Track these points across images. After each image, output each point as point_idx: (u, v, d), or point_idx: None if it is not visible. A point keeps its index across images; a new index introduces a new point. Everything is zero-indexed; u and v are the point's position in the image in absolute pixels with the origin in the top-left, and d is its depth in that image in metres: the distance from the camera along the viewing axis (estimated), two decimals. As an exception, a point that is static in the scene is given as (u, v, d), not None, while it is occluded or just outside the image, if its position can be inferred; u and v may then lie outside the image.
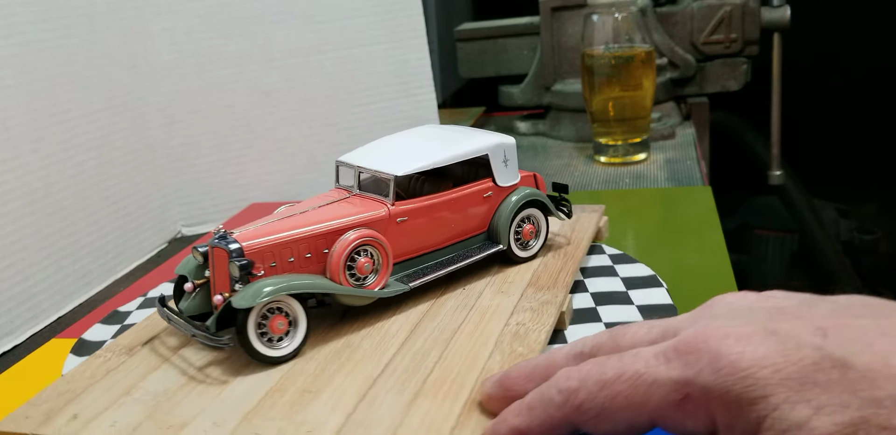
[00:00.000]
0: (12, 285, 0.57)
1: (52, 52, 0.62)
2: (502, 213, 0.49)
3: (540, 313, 0.43)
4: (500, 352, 0.39)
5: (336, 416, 0.35)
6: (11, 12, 0.58)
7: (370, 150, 0.48)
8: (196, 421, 0.36)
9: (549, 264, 0.50)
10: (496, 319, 0.43)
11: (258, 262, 0.40)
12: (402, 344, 0.41)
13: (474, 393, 0.35)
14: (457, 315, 0.44)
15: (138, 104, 0.72)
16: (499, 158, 0.48)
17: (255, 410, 0.36)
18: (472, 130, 0.51)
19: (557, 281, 0.47)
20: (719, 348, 0.25)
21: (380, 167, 0.45)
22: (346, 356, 0.40)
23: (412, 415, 0.34)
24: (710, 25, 0.98)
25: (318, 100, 0.78)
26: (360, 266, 0.42)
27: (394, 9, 0.77)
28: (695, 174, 0.83)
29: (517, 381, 0.33)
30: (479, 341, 0.40)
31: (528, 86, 1.06)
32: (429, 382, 0.37)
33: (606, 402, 0.27)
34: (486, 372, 0.37)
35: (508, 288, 0.47)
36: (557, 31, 1.01)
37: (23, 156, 0.59)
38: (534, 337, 0.40)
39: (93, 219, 0.66)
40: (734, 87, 1.02)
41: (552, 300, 0.45)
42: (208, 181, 0.77)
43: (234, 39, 0.74)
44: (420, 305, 0.46)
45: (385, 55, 0.78)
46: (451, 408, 0.34)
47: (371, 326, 0.44)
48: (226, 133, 0.77)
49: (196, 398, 0.38)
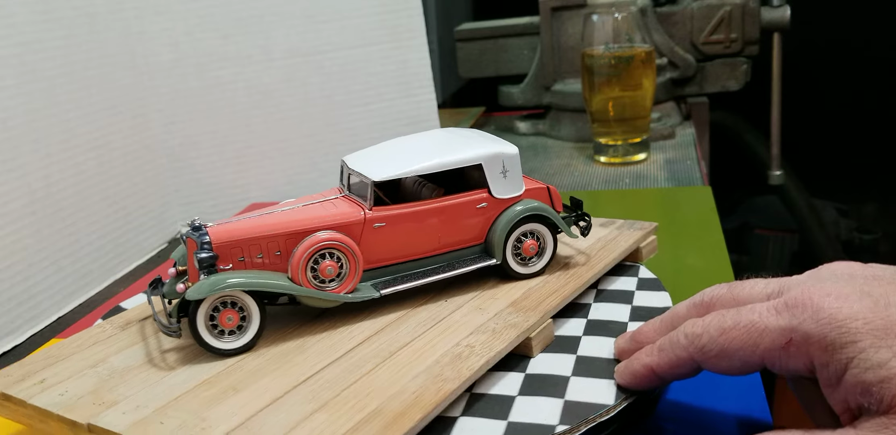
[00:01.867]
0: (12, 285, 0.57)
1: (52, 52, 0.62)
2: (498, 226, 0.46)
3: (496, 337, 0.40)
4: (428, 374, 0.37)
5: (237, 417, 0.35)
6: (11, 12, 0.58)
7: (374, 150, 0.48)
8: (125, 401, 0.37)
9: (548, 284, 0.46)
10: (452, 337, 0.40)
11: (226, 256, 0.41)
12: (347, 352, 0.40)
13: (374, 412, 0.34)
14: (418, 328, 0.42)
15: (138, 104, 0.72)
16: (496, 169, 0.46)
17: (178, 399, 0.37)
18: (482, 138, 0.48)
19: (541, 303, 0.44)
20: (821, 304, 0.30)
21: (363, 170, 0.44)
22: (290, 358, 0.40)
23: (302, 426, 0.34)
24: (710, 25, 0.98)
25: (318, 100, 0.78)
26: (322, 269, 0.42)
27: (394, 9, 0.77)
28: (695, 174, 0.83)
29: (647, 334, 0.39)
30: (418, 360, 0.38)
31: (528, 86, 1.06)
32: (342, 395, 0.36)
33: (725, 343, 0.33)
34: (401, 393, 0.36)
35: (489, 305, 0.44)
36: (557, 31, 1.01)
37: (23, 156, 0.59)
38: (471, 362, 0.37)
39: (93, 219, 0.66)
40: (734, 87, 1.02)
41: (519, 324, 0.41)
42: (208, 181, 0.77)
43: (234, 39, 0.74)
44: (393, 313, 0.44)
45: (385, 55, 0.78)
46: (343, 424, 0.34)
47: (334, 329, 0.43)
48: (226, 133, 0.77)
49: (141, 380, 0.39)
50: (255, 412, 0.35)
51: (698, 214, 0.70)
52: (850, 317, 0.30)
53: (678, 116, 1.03)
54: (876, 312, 0.30)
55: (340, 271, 0.43)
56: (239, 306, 0.41)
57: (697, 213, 0.70)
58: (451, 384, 0.36)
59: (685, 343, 0.34)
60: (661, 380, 0.36)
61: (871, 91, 1.40)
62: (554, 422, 0.35)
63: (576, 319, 0.45)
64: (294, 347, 0.41)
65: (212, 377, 0.39)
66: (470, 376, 0.37)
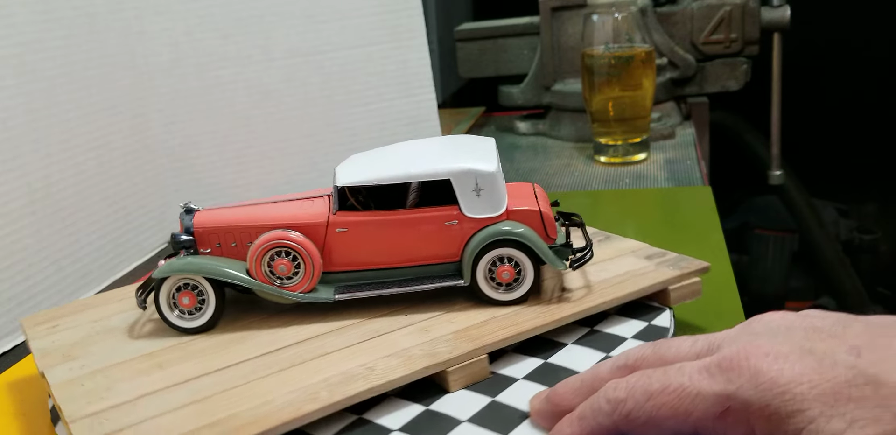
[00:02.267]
0: (12, 285, 0.57)
1: (52, 53, 0.62)
2: (469, 247, 0.43)
3: (406, 364, 0.38)
4: (306, 390, 0.37)
5: (131, 395, 0.38)
6: (11, 12, 0.58)
7: (372, 154, 0.47)
8: (80, 359, 0.42)
9: (518, 314, 0.43)
10: (368, 355, 0.40)
11: (205, 241, 0.44)
12: (274, 351, 0.41)
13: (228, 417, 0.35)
14: (353, 339, 0.41)
15: (138, 104, 0.72)
16: (467, 186, 0.43)
17: (113, 367, 0.41)
18: (470, 152, 0.45)
19: (487, 335, 0.40)
20: (759, 365, 0.27)
21: (338, 173, 0.44)
22: (230, 346, 0.42)
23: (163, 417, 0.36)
24: (710, 25, 0.99)
25: (318, 100, 0.78)
26: (275, 266, 0.44)
27: (394, 9, 0.77)
28: (695, 174, 0.83)
29: (564, 396, 0.35)
30: (315, 373, 0.38)
31: (528, 86, 1.06)
32: (224, 394, 0.37)
33: (653, 411, 0.29)
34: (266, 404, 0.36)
35: (438, 328, 0.42)
36: (557, 31, 1.01)
37: (23, 156, 0.59)
38: (354, 386, 0.37)
39: (93, 219, 0.66)
40: (734, 87, 1.02)
41: (441, 354, 0.39)
42: (208, 181, 0.77)
43: (234, 39, 0.74)
44: (348, 320, 0.44)
45: (385, 55, 0.78)
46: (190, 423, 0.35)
47: (286, 326, 0.44)
48: (226, 133, 0.77)
49: (111, 342, 0.44)
50: (147, 393, 0.38)
51: (698, 214, 0.70)
52: (793, 380, 0.26)
53: (678, 116, 1.03)
54: (821, 373, 0.26)
55: (298, 270, 0.44)
56: (199, 290, 0.44)
57: (697, 213, 0.70)
58: (313, 405, 0.36)
59: (608, 410, 0.31)
60: None
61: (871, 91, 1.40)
62: None
63: (533, 359, 0.41)
64: (243, 336, 0.43)
65: (155, 351, 0.42)
66: (341, 401, 0.36)
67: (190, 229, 0.44)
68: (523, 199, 0.45)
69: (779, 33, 1.03)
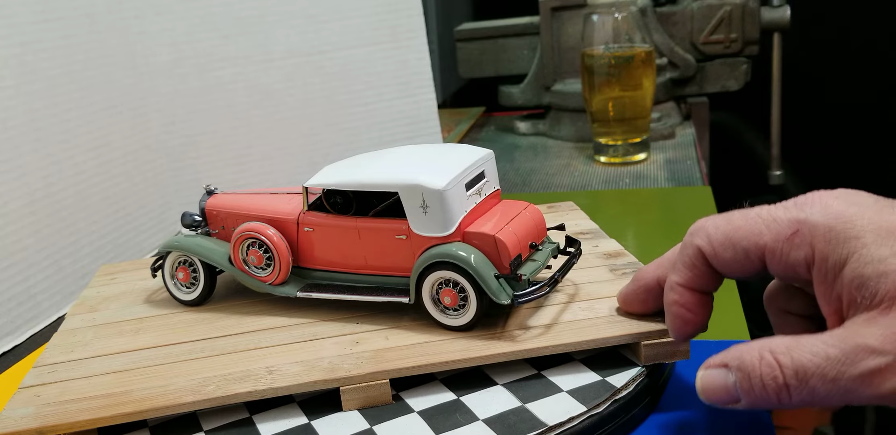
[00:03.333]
0: (12, 285, 0.57)
1: (52, 53, 0.62)
2: (415, 266, 0.41)
3: (306, 374, 0.38)
4: (201, 382, 0.39)
5: (82, 353, 0.43)
6: (11, 12, 0.58)
7: (363, 156, 0.47)
8: (99, 312, 0.49)
9: (450, 344, 0.40)
10: (279, 357, 0.40)
11: (214, 222, 0.48)
12: (226, 336, 0.44)
13: (129, 392, 0.39)
14: (283, 339, 0.42)
15: (138, 104, 0.72)
16: (414, 202, 0.40)
17: (106, 325, 0.47)
18: (439, 163, 0.42)
19: (401, 360, 0.39)
20: (830, 202, 0.32)
21: (317, 173, 0.45)
22: (185, 326, 0.46)
23: (87, 381, 0.40)
24: (710, 25, 0.98)
25: (318, 100, 0.78)
26: (249, 256, 0.46)
27: (394, 9, 0.77)
28: (695, 174, 0.83)
29: (647, 270, 0.39)
30: (224, 366, 0.40)
31: (528, 86, 1.06)
32: (150, 368, 0.41)
33: (730, 232, 0.33)
34: (164, 386, 0.39)
35: (369, 342, 0.41)
36: (557, 31, 1.01)
37: (23, 156, 0.59)
38: (241, 386, 0.38)
39: (93, 219, 0.66)
40: (734, 87, 1.02)
41: (339, 369, 0.38)
42: (208, 181, 0.77)
43: (234, 39, 0.74)
44: (307, 318, 0.44)
45: (385, 55, 0.78)
46: (98, 390, 0.39)
47: (255, 314, 0.46)
48: (226, 133, 0.77)
49: (128, 301, 0.50)
50: (104, 354, 0.43)
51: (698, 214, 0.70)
52: (857, 215, 0.31)
53: (678, 116, 1.03)
54: (881, 216, 0.31)
55: (270, 262, 0.45)
56: (194, 267, 0.48)
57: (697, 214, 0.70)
58: (193, 398, 0.37)
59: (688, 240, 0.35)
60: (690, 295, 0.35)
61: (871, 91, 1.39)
62: None
63: (448, 394, 0.39)
64: (214, 317, 0.46)
65: (147, 317, 0.47)
66: (217, 398, 0.37)
67: (201, 210, 0.49)
68: (491, 220, 0.41)
69: (779, 33, 1.03)
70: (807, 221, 0.31)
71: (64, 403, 0.38)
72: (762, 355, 0.30)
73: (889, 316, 0.29)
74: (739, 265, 0.33)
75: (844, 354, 0.29)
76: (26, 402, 0.39)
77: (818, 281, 0.31)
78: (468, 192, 0.41)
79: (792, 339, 0.30)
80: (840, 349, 0.29)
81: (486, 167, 0.43)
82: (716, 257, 0.34)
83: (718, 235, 0.34)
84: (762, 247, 0.32)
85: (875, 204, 0.32)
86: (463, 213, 0.41)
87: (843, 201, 0.32)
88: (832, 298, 0.31)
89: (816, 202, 0.32)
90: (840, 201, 0.32)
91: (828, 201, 0.32)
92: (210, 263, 0.47)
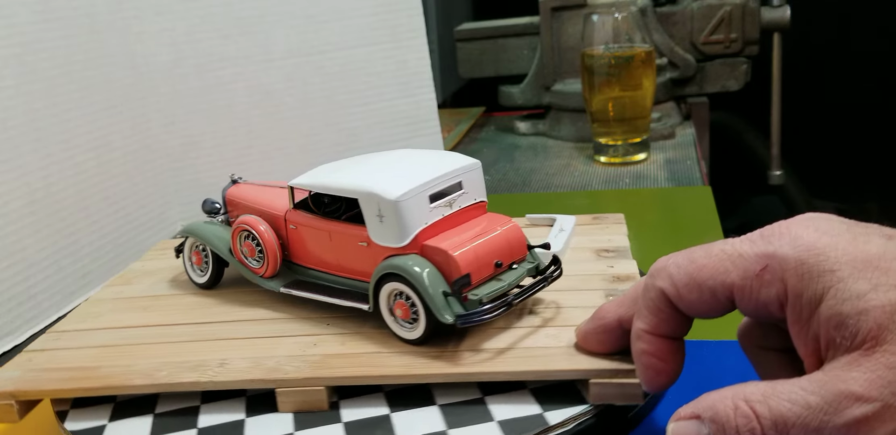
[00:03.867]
0: (12, 285, 0.57)
1: (51, 53, 0.62)
2: (373, 275, 0.40)
3: (246, 369, 0.39)
4: (159, 365, 0.40)
5: (90, 324, 0.46)
6: (11, 12, 0.58)
7: (354, 159, 0.47)
8: (132, 286, 0.52)
9: (394, 358, 0.39)
10: (237, 351, 0.41)
11: (232, 210, 0.50)
12: (193, 324, 0.45)
13: (100, 368, 0.41)
14: (252, 332, 0.43)
15: (138, 104, 0.72)
16: (371, 210, 0.39)
17: (127, 299, 0.50)
18: (408, 171, 0.41)
19: (337, 368, 0.38)
20: (800, 232, 0.30)
21: (306, 172, 0.45)
22: (185, 308, 0.48)
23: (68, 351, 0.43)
24: (710, 25, 0.99)
25: (318, 100, 0.78)
26: (243, 247, 0.47)
27: (394, 9, 0.77)
28: (695, 174, 0.83)
29: (609, 309, 0.37)
30: (187, 353, 0.42)
31: (528, 86, 1.06)
32: (110, 348, 0.43)
33: (694, 272, 0.31)
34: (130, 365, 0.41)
35: (325, 346, 0.41)
36: (557, 31, 1.01)
37: (23, 156, 0.59)
38: (187, 376, 0.39)
39: (93, 219, 0.66)
40: (734, 87, 1.02)
41: (280, 370, 0.38)
42: (208, 181, 0.77)
43: (234, 39, 0.74)
44: (280, 313, 0.45)
45: (385, 55, 0.78)
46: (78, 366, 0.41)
47: (236, 305, 0.47)
48: (226, 133, 0.77)
49: (158, 277, 0.53)
50: (105, 327, 0.46)
51: (698, 214, 0.70)
52: (829, 246, 0.29)
53: (678, 116, 1.03)
54: (856, 246, 0.29)
55: (262, 256, 0.46)
56: (206, 253, 0.49)
57: (697, 214, 0.70)
58: (144, 381, 0.39)
59: (649, 282, 0.33)
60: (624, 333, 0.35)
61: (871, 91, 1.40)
62: None
63: (382, 408, 0.38)
64: (213, 302, 0.48)
65: (161, 295, 0.50)
66: (164, 384, 0.39)
67: (223, 198, 0.51)
68: (458, 235, 0.40)
69: (779, 33, 1.03)
70: (776, 255, 0.29)
71: (44, 371, 0.41)
72: (737, 405, 0.28)
73: (872, 358, 0.27)
74: (707, 306, 0.31)
75: (826, 402, 0.27)
76: (19, 365, 0.42)
77: (792, 320, 0.29)
78: (433, 203, 0.40)
79: (768, 385, 0.28)
80: (821, 397, 0.27)
81: (464, 178, 0.41)
82: (681, 300, 0.32)
83: (681, 276, 0.31)
84: (730, 286, 0.30)
85: (848, 231, 0.29)
86: (422, 225, 0.39)
87: (814, 230, 0.29)
88: (809, 338, 0.29)
89: (785, 233, 0.30)
90: (810, 231, 0.29)
91: (797, 232, 0.30)
92: (212, 249, 0.49)
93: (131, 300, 0.50)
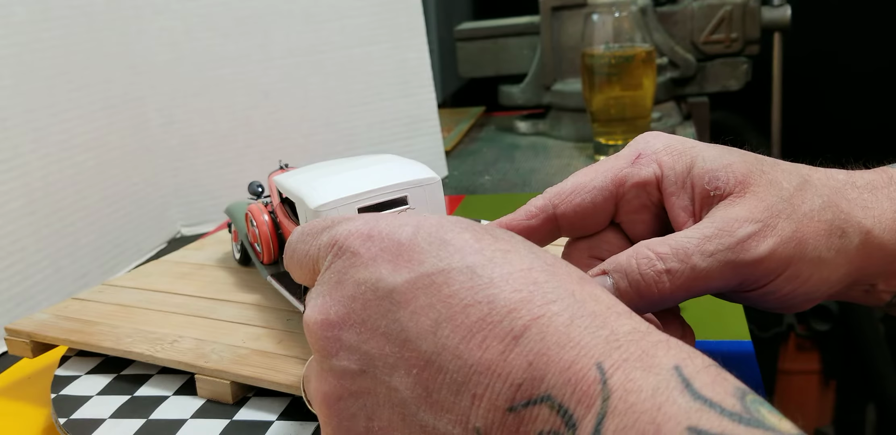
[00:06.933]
0: (11, 285, 0.57)
1: (50, 52, 0.62)
2: None
3: (184, 351, 0.40)
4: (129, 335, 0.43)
5: (107, 298, 0.48)
6: (10, 12, 0.58)
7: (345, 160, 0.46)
8: (189, 252, 0.56)
9: (297, 368, 0.39)
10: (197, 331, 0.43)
11: (271, 194, 0.49)
12: (198, 297, 0.47)
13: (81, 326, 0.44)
14: (226, 315, 0.45)
15: (137, 104, 0.72)
16: (303, 217, 0.40)
17: (177, 265, 0.53)
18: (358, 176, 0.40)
19: (250, 366, 0.39)
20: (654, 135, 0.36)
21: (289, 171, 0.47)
22: (205, 282, 0.50)
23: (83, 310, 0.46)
24: (711, 25, 0.98)
25: (318, 100, 0.78)
26: (250, 231, 0.48)
27: (394, 9, 0.77)
28: (695, 174, 0.83)
29: None
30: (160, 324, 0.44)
31: (528, 85, 1.06)
32: (122, 308, 0.46)
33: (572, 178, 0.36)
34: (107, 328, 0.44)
35: (265, 340, 0.41)
36: (557, 30, 1.01)
37: (21, 155, 0.59)
38: (138, 346, 0.41)
39: (92, 219, 0.66)
40: (734, 87, 1.02)
41: (204, 357, 0.40)
42: (208, 181, 0.77)
43: (234, 39, 0.74)
44: (269, 302, 0.46)
45: (384, 55, 0.78)
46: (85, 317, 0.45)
47: (238, 285, 0.49)
48: (225, 133, 0.77)
49: (221, 247, 0.56)
50: (137, 287, 0.49)
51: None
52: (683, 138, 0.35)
53: (678, 116, 1.03)
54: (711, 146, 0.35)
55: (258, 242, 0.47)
56: None
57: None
58: (108, 344, 0.42)
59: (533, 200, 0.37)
60: None
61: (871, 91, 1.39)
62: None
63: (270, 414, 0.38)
64: (229, 280, 0.50)
65: (203, 265, 0.53)
66: (119, 350, 0.42)
67: (267, 181, 0.52)
68: None
69: (779, 33, 1.02)
70: (647, 146, 0.35)
71: (63, 319, 0.45)
72: (637, 251, 0.32)
73: (745, 197, 0.32)
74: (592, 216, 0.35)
75: (719, 228, 0.31)
76: (57, 310, 0.47)
77: (669, 192, 0.34)
78: None
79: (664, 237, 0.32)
80: (714, 226, 0.31)
81: (412, 193, 0.39)
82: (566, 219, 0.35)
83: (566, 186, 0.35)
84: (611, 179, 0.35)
85: None
86: None
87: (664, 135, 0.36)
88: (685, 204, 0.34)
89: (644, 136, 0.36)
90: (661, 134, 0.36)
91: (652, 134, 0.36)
92: None
93: (185, 265, 0.53)
